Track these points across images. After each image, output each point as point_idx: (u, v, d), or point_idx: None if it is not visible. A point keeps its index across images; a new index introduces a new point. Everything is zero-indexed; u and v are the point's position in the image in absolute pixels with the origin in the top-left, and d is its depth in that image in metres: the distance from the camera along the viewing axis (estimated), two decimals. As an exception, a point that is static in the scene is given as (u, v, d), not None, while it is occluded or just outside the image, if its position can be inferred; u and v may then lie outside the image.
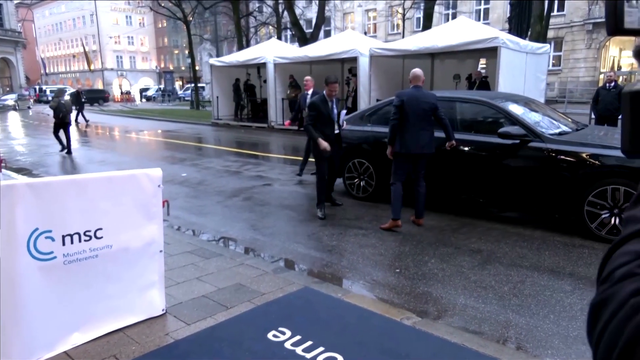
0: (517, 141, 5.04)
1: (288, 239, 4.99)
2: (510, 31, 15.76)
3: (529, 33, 15.67)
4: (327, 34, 33.77)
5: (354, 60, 14.41)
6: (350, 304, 3.22)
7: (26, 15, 54.84)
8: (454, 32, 12.55)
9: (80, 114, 21.55)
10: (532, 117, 5.40)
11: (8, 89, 40.26)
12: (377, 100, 12.51)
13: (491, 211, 5.80)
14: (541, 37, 15.55)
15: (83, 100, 22.70)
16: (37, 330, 2.44)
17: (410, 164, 5.11)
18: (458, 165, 5.50)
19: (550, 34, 22.64)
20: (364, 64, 13.88)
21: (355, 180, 6.48)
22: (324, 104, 5.62)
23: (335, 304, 3.23)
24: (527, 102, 5.95)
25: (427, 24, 17.56)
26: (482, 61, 16.11)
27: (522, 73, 12.12)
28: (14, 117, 26.37)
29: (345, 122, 5.98)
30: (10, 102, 33.34)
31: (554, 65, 27.18)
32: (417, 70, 5.15)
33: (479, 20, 29.05)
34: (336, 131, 5.81)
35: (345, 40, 15.96)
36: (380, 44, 15.71)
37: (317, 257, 4.46)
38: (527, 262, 4.20)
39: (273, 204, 6.54)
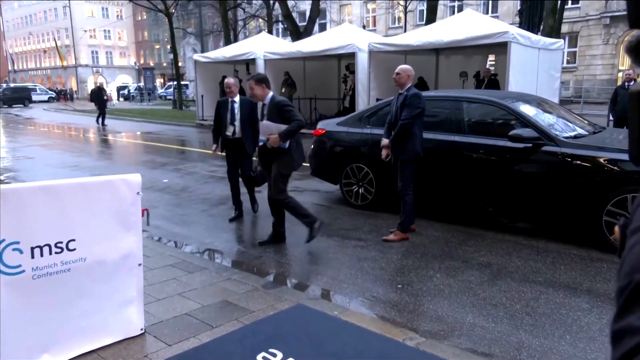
0: (529, 145, 5.08)
1: (279, 251, 4.98)
2: (521, 25, 15.92)
3: (542, 27, 15.83)
4: (323, 27, 33.95)
5: (351, 56, 14.48)
6: (348, 323, 3.21)
7: (-8, 7, 54.74)
8: (460, 26, 12.64)
9: (102, 115, 20.69)
10: (545, 119, 5.45)
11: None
12: (377, 99, 12.56)
13: (501, 221, 5.82)
14: (554, 32, 15.72)
15: (105, 98, 21.72)
16: (4, 350, 2.41)
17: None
18: (465, 171, 5.52)
19: (565, 28, 22.88)
20: (362, 60, 13.94)
21: (354, 187, 6.49)
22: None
23: (331, 323, 3.22)
24: (539, 103, 5.99)
25: (431, 17, 17.69)
26: (491, 57, 16.24)
27: (534, 71, 12.21)
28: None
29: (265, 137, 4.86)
30: None
31: (568, 62, 27.48)
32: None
33: (487, 13, 29.34)
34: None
35: (342, 34, 16.04)
36: (380, 39, 15.80)
37: (311, 270, 4.46)
38: (540, 277, 4.21)
39: (263, 213, 6.51)
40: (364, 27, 32.47)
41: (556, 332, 3.27)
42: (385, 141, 5.19)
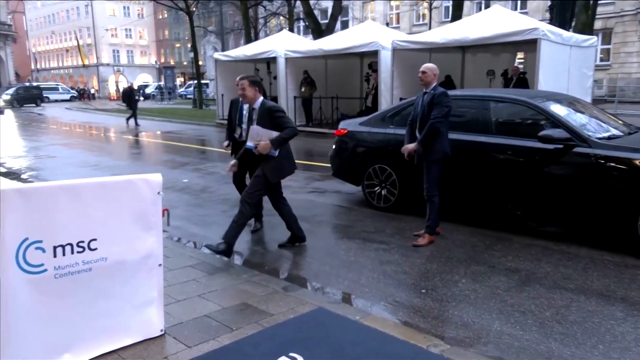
0: (560, 146, 4.98)
1: (300, 253, 5.00)
2: (551, 21, 15.66)
3: (573, 23, 15.54)
4: (345, 25, 33.95)
5: (374, 54, 14.44)
6: (370, 328, 3.20)
7: (17, 7, 56.27)
8: (487, 22, 12.50)
9: (133, 115, 20.68)
10: (577, 119, 5.34)
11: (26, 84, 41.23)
12: (400, 99, 12.49)
13: (530, 225, 5.73)
14: (587, 28, 15.41)
15: (137, 97, 21.62)
16: (26, 350, 2.47)
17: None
18: (491, 173, 5.45)
19: (598, 24, 22.40)
20: (385, 59, 13.89)
21: (376, 189, 6.47)
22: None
23: (353, 328, 3.21)
24: (571, 102, 5.88)
25: (457, 13, 17.53)
26: (520, 55, 16.00)
27: (566, 69, 12.00)
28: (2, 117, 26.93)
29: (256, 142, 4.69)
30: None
31: (602, 60, 26.87)
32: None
33: (516, 9, 28.92)
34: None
35: (365, 32, 16.01)
36: (404, 36, 15.71)
37: (332, 274, 4.46)
38: (572, 284, 4.13)
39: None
40: (387, 24, 32.36)
41: (588, 342, 3.19)
42: (410, 146, 5.12)
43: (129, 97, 20.96)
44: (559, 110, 5.38)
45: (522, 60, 16.10)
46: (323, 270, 4.55)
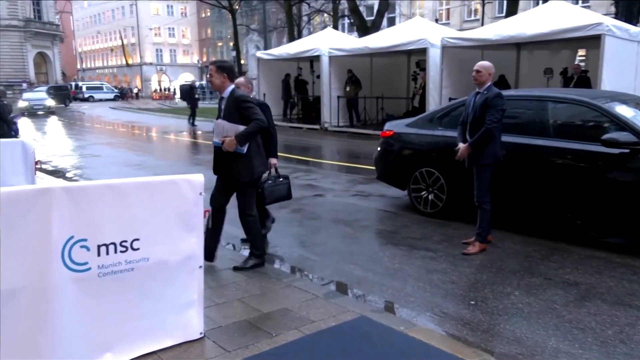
0: (626, 150, 4.78)
1: (342, 259, 4.99)
2: (617, 16, 15.04)
3: (642, 18, 14.85)
4: (391, 21, 33.75)
5: (422, 52, 14.30)
6: (415, 340, 3.16)
7: (64, 7, 59.06)
8: (545, 17, 12.14)
9: (192, 114, 20.27)
10: (645, 121, 5.10)
11: (54, 85, 43.36)
12: (450, 99, 12.30)
13: (591, 236, 5.51)
14: (657, 23, 14.69)
15: (197, 96, 21.31)
16: (69, 347, 2.58)
17: None
18: (549, 179, 5.28)
19: (669, 18, 21.29)
20: (434, 57, 13.73)
21: (423, 193, 6.39)
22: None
23: (397, 338, 3.18)
24: (639, 103, 5.63)
25: (512, 8, 17.12)
26: (581, 52, 15.46)
27: (633, 67, 11.51)
28: (48, 116, 28.27)
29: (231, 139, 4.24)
30: (50, 103, 30.44)
31: (673, 57, 25.53)
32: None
33: (577, 3, 27.90)
34: (218, 142, 4.37)
35: (413, 28, 15.87)
36: (454, 33, 15.48)
37: (376, 281, 4.43)
38: (637, 300, 3.94)
39: (325, 217, 6.58)
40: (436, 20, 31.93)
41: (656, 365, 3.04)
42: (462, 146, 5.04)
43: (189, 95, 20.74)
44: (624, 111, 5.16)
45: (583, 58, 15.55)
46: (366, 278, 4.53)
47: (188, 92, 21.37)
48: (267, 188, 4.99)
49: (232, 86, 4.35)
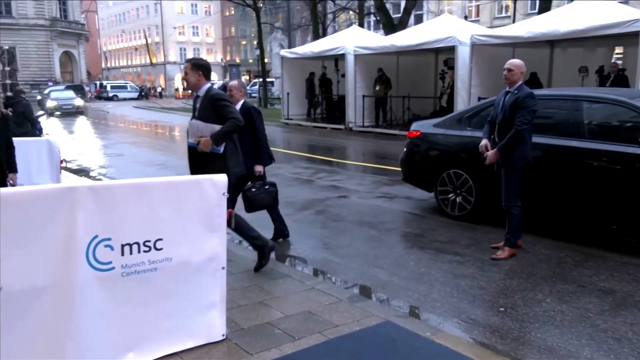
0: (667, 152, 4.65)
1: (367, 263, 4.98)
2: (657, 12, 14.60)
3: (684, 13, 14.41)
4: (419, 19, 33.52)
5: (451, 50, 14.17)
6: (441, 346, 3.13)
7: (90, 7, 60.37)
8: (580, 13, 11.89)
9: None
10: (687, 122, 4.96)
11: (70, 84, 44.45)
12: (479, 98, 12.15)
13: (628, 242, 5.38)
14: (701, 19, 14.23)
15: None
16: (92, 346, 2.64)
17: None
18: (583, 182, 5.18)
19: None
20: (463, 55, 13.58)
21: (450, 195, 6.33)
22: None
23: (423, 345, 3.16)
24: (680, 103, 5.47)
25: (545, 4, 16.80)
26: (618, 50, 15.07)
27: (673, 65, 11.14)
28: (77, 116, 28.90)
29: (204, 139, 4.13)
30: (79, 102, 30.29)
31: None
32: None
33: (615, -2, 27.24)
34: (193, 142, 4.26)
35: (441, 26, 15.73)
36: (484, 30, 15.30)
37: (401, 286, 4.41)
38: (677, 309, 3.83)
39: (350, 219, 6.57)
40: (465, 17, 31.61)
41: (697, 378, 2.95)
42: (490, 153, 4.91)
43: None
44: (665, 112, 5.02)
45: (621, 56, 15.16)
46: (391, 282, 4.51)
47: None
48: (249, 196, 4.96)
49: (208, 84, 4.29)
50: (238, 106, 5.02)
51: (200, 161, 4.24)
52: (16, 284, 2.44)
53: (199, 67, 4.23)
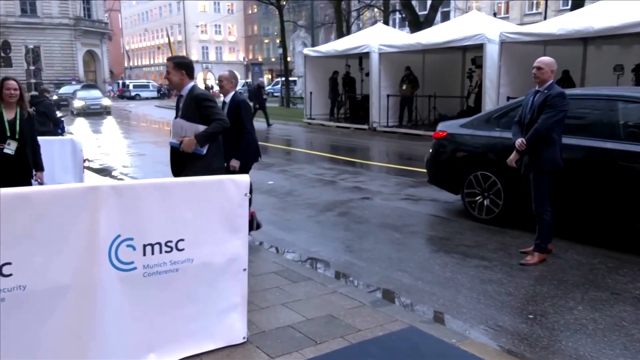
0: None
1: (390, 266, 4.96)
2: (698, 7, 14.20)
3: None
4: (446, 16, 33.23)
5: (479, 48, 14.02)
6: (468, 353, 3.10)
7: (113, 6, 61.48)
8: (615, 10, 11.64)
9: (265, 116, 19.63)
10: None
11: (93, 83, 45.39)
12: (508, 98, 11.99)
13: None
14: None
15: (265, 97, 20.40)
16: (114, 346, 2.68)
17: None
18: (619, 185, 5.06)
19: None
20: (492, 53, 13.42)
21: (477, 198, 6.26)
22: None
23: (448, 351, 3.13)
24: None
25: (577, 1, 16.49)
26: (656, 47, 14.71)
27: None
28: (104, 116, 29.44)
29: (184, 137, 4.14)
30: (107, 102, 30.39)
31: None
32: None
33: (652, -7, 26.60)
34: (175, 142, 4.21)
35: (469, 23, 15.59)
36: (514, 27, 15.10)
37: (426, 290, 4.38)
38: None
39: (373, 222, 6.55)
40: (494, 14, 31.20)
41: None
42: (519, 141, 4.79)
43: (257, 95, 19.78)
44: None
45: (659, 53, 14.79)
46: (415, 286, 4.48)
47: (255, 92, 20.13)
48: None
49: (192, 83, 4.26)
50: (228, 98, 5.09)
51: (182, 161, 4.21)
52: (40, 283, 2.50)
53: (182, 66, 4.19)
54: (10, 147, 4.72)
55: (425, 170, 7.20)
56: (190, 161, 4.17)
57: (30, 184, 4.84)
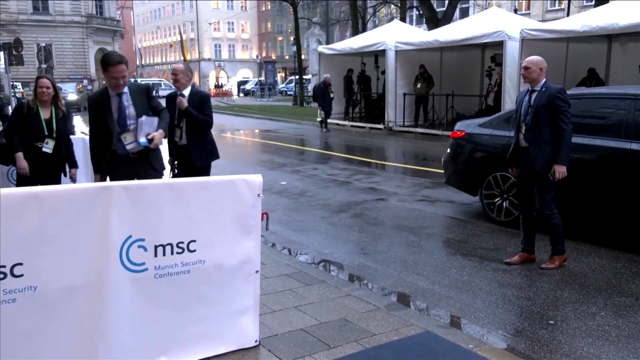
0: None
1: (405, 269, 4.95)
2: None
3: None
4: (464, 12, 33.06)
5: (499, 45, 13.91)
6: (485, 359, 3.08)
7: (125, 3, 62.09)
8: (642, 5, 11.48)
9: (326, 116, 18.26)
10: None
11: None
12: (529, 96, 11.86)
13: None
14: None
15: (332, 96, 18.41)
16: (124, 348, 2.71)
17: None
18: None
19: None
20: (512, 50, 13.31)
21: (496, 200, 6.22)
22: (103, 98, 4.24)
23: (465, 357, 3.12)
24: None
25: (602, -3, 16.30)
26: (685, 45, 14.49)
27: None
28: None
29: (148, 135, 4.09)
30: None
31: None
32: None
33: (681, -12, 26.19)
34: (130, 145, 4.15)
35: (488, 20, 15.48)
36: (535, 24, 14.95)
37: (442, 294, 4.36)
38: None
39: (388, 223, 6.54)
40: (515, 11, 30.99)
41: None
42: (561, 169, 4.61)
43: (324, 94, 18.27)
44: None
45: (687, 51, 14.56)
46: (431, 290, 4.47)
47: (322, 90, 18.16)
48: None
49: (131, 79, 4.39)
50: (187, 91, 5.10)
51: (117, 164, 4.18)
52: (51, 283, 2.54)
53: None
54: (49, 146, 4.92)
55: (442, 171, 7.18)
56: (152, 157, 4.30)
57: (59, 181, 5.01)
